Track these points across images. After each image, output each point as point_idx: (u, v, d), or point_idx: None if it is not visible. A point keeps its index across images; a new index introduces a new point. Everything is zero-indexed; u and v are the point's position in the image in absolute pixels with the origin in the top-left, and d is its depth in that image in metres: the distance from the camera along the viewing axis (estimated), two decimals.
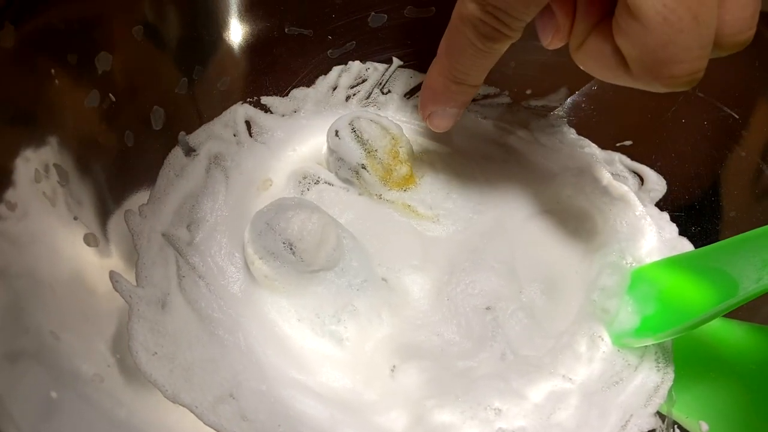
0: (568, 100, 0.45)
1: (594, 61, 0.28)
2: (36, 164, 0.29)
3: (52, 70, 0.31)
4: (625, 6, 0.24)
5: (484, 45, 0.29)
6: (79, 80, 0.32)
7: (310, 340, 0.35)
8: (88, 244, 0.32)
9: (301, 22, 0.41)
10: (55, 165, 0.30)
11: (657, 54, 0.24)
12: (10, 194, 0.28)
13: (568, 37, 0.29)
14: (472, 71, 0.32)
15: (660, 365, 0.35)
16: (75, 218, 0.31)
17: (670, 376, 0.35)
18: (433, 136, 0.43)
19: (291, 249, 0.34)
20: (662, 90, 0.26)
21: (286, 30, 0.41)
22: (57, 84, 0.31)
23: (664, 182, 0.42)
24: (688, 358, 0.35)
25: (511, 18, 0.27)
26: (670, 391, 0.34)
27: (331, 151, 0.40)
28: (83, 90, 0.32)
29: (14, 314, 0.26)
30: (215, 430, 0.31)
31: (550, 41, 0.29)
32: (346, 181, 0.40)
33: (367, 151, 0.39)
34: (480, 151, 0.44)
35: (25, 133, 0.29)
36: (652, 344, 0.35)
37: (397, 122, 0.41)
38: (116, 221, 0.34)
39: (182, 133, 0.39)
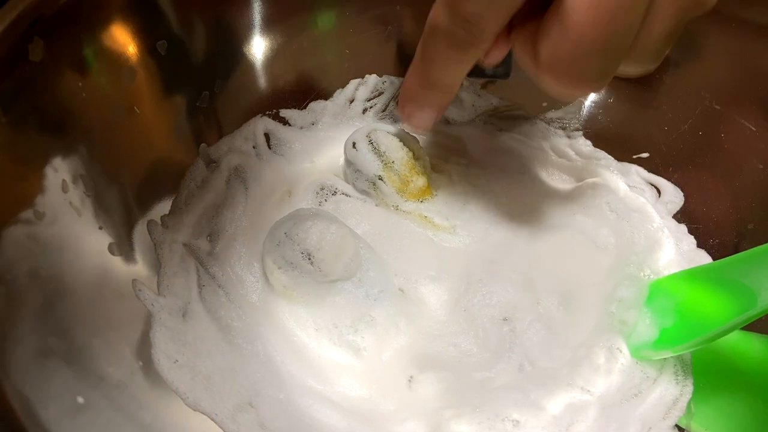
0: (584, 112, 0.45)
1: (520, 49, 0.28)
2: (64, 174, 0.30)
3: (80, 83, 0.32)
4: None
5: (455, 54, 0.29)
6: (105, 93, 0.33)
7: (327, 350, 0.35)
8: (113, 254, 0.32)
9: (318, 36, 0.42)
10: (81, 176, 0.31)
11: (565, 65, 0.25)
12: (39, 202, 0.28)
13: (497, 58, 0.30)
14: (446, 77, 0.31)
15: (679, 378, 0.35)
16: (100, 228, 0.32)
17: (689, 388, 0.34)
18: (450, 148, 0.44)
19: (309, 259, 0.35)
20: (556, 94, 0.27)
21: (304, 44, 0.42)
22: (84, 96, 0.32)
23: (682, 194, 0.42)
24: (708, 371, 0.34)
25: (481, 29, 0.27)
26: (689, 404, 0.34)
27: (349, 162, 0.40)
28: (109, 103, 0.33)
29: (46, 314, 0.26)
30: None
31: (484, 60, 0.30)
32: (363, 192, 0.41)
33: (384, 162, 0.39)
34: (496, 162, 0.44)
35: (54, 144, 0.30)
36: (671, 357, 0.35)
37: (413, 134, 0.41)
38: (140, 231, 0.35)
39: (203, 145, 0.39)
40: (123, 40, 0.34)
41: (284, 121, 0.43)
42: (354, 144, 0.40)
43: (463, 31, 0.27)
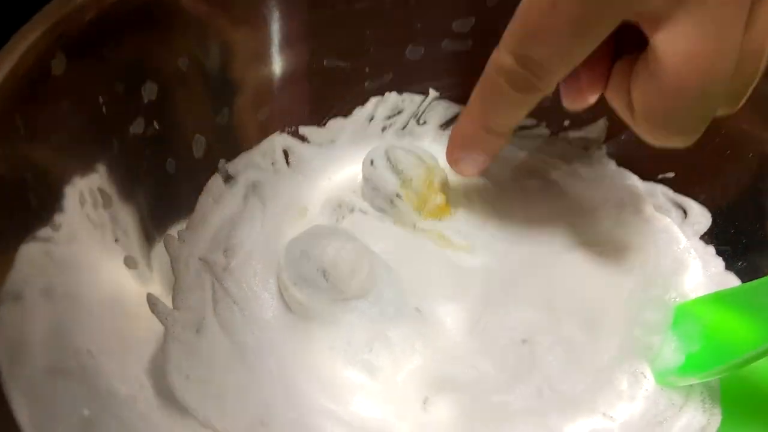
0: (607, 132, 0.44)
1: (612, 96, 0.29)
2: (81, 188, 0.30)
3: (100, 98, 0.32)
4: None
5: (517, 96, 0.29)
6: (125, 108, 0.33)
7: (341, 369, 0.35)
8: (128, 267, 0.32)
9: (339, 54, 0.42)
10: (99, 189, 0.32)
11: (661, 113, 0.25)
12: (56, 217, 0.29)
13: (589, 101, 0.30)
14: (504, 121, 0.32)
15: (706, 406, 0.34)
16: (116, 241, 0.32)
17: (717, 417, 0.33)
18: None
19: (324, 276, 0.34)
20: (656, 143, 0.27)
21: (324, 62, 0.42)
22: (104, 111, 0.32)
23: (709, 215, 0.40)
24: (736, 399, 0.33)
25: (547, 72, 0.27)
26: None
27: (366, 180, 0.40)
28: (129, 118, 0.34)
29: (58, 332, 0.26)
30: None
31: (572, 104, 0.31)
32: (380, 210, 0.41)
33: (402, 180, 0.39)
34: (517, 182, 0.43)
35: (73, 158, 0.31)
36: (698, 383, 0.34)
37: (432, 152, 0.41)
38: (156, 245, 0.35)
39: (222, 161, 0.40)
40: (145, 57, 0.34)
41: (303, 138, 0.43)
42: (372, 161, 0.40)
43: (528, 73, 0.27)
